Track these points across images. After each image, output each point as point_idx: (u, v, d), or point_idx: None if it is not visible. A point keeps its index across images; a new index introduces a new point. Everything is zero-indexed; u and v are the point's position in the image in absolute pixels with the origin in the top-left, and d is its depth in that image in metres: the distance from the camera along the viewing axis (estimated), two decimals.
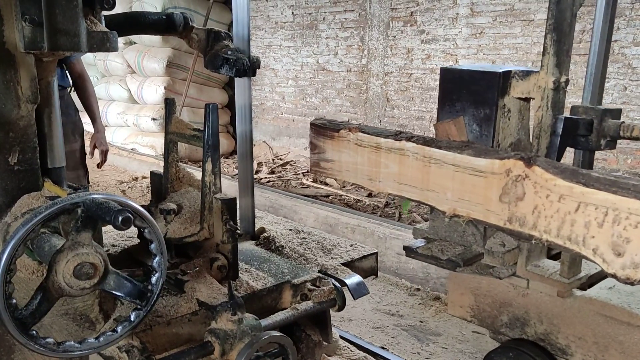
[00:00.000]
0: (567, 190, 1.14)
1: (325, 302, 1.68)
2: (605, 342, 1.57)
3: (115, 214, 1.05)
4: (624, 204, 1.04)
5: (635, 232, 1.03)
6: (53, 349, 1.09)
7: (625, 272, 1.06)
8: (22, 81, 1.29)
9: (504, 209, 1.27)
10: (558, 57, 1.58)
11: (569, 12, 1.58)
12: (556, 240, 1.18)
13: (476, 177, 1.32)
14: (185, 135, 1.82)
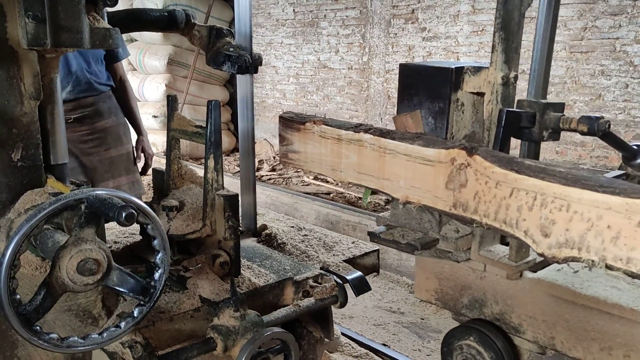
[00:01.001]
0: (503, 177, 1.23)
1: (327, 298, 1.68)
2: (553, 320, 1.65)
3: (119, 210, 1.05)
4: (550, 189, 1.14)
5: (559, 215, 1.13)
6: (57, 345, 1.09)
7: (552, 252, 1.15)
8: (25, 78, 1.29)
9: (449, 195, 1.36)
10: (506, 54, 1.68)
11: (517, 12, 1.70)
12: (494, 224, 1.27)
13: (425, 166, 1.41)
14: (187, 132, 1.82)
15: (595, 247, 1.10)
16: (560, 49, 5.12)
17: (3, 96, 1.27)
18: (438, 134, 1.76)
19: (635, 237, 1.04)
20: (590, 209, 1.10)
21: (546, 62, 1.74)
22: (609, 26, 4.76)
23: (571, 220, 1.13)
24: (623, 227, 1.05)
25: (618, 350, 1.59)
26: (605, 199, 1.07)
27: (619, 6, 4.68)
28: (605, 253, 1.09)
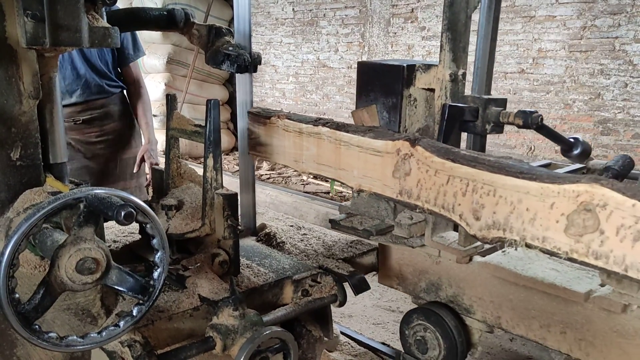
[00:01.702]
0: (441, 166, 1.33)
1: (326, 297, 1.69)
2: (499, 301, 1.78)
3: (118, 209, 1.05)
4: (480, 176, 1.25)
5: (488, 199, 1.24)
6: (56, 344, 1.09)
7: (482, 233, 1.26)
8: (24, 77, 1.29)
9: (396, 183, 1.46)
10: (454, 53, 1.81)
11: (463, 14, 1.82)
12: (434, 209, 1.38)
13: (375, 156, 1.51)
14: (186, 131, 1.82)
15: (516, 228, 1.20)
16: (560, 48, 5.12)
17: (2, 95, 1.27)
18: (392, 127, 1.87)
19: (548, 218, 1.13)
20: (512, 193, 1.20)
21: (489, 61, 1.86)
22: (608, 25, 4.77)
23: (497, 204, 1.23)
24: (539, 210, 1.15)
25: (555, 327, 1.70)
26: (524, 184, 1.17)
27: (618, 5, 4.68)
28: (525, 233, 1.19)
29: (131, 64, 3.02)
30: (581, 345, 1.66)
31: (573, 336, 1.67)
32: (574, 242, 1.12)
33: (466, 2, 1.81)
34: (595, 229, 1.08)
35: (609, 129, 4.93)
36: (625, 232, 1.02)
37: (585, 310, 1.63)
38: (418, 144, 1.39)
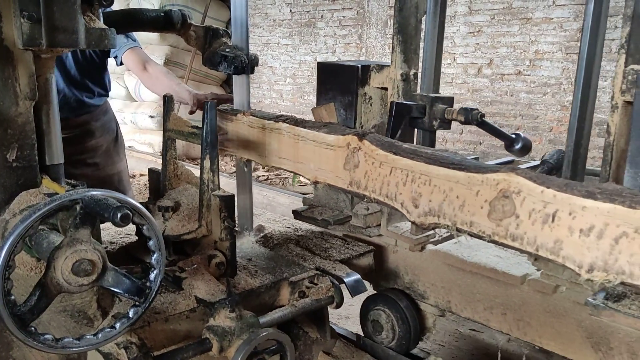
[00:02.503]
0: (384, 158, 1.43)
1: (323, 299, 1.69)
2: (449, 286, 1.90)
3: (114, 210, 1.05)
4: (417, 167, 1.36)
5: (424, 188, 1.35)
6: (52, 345, 1.09)
7: (420, 220, 1.36)
8: (20, 78, 1.28)
9: (346, 175, 1.56)
10: (405, 54, 1.94)
11: (414, 19, 1.94)
12: (379, 198, 1.47)
13: (329, 150, 1.61)
14: (183, 132, 1.82)
15: (449, 214, 1.30)
16: (556, 50, 5.14)
17: None
18: (348, 124, 2.00)
19: (474, 204, 1.23)
20: (445, 182, 1.30)
21: (436, 61, 1.97)
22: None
23: (432, 192, 1.34)
24: (467, 197, 1.25)
25: (497, 309, 1.84)
26: (454, 174, 1.28)
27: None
28: (456, 218, 1.28)
29: (134, 49, 2.75)
30: (519, 325, 1.78)
31: (512, 317, 1.80)
32: (495, 226, 1.20)
33: (416, 7, 1.93)
34: (512, 213, 1.17)
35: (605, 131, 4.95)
36: (536, 216, 1.12)
37: (521, 293, 1.76)
38: (365, 138, 1.50)
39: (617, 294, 1.45)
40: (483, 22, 5.63)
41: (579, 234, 1.05)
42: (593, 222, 1.03)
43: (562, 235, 1.08)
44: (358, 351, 2.06)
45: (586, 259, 1.05)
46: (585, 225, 1.04)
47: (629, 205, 0.98)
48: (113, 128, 2.94)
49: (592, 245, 1.04)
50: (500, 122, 5.80)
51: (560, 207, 1.08)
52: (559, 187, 1.09)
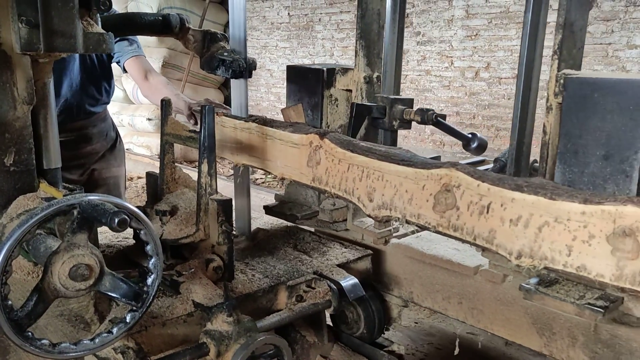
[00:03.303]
0: (343, 156, 1.52)
1: (320, 303, 1.69)
2: (410, 278, 1.99)
3: (112, 215, 1.05)
4: (372, 164, 1.44)
5: (378, 183, 1.43)
6: (48, 350, 1.09)
7: (375, 213, 1.44)
8: (18, 82, 1.29)
9: (309, 172, 1.64)
10: (368, 58, 2.04)
11: (376, 25, 2.03)
12: (338, 193, 1.56)
13: (294, 148, 1.68)
14: (181, 136, 1.82)
15: (399, 207, 1.38)
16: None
17: None
18: (315, 124, 2.08)
19: (421, 198, 1.32)
20: (395, 178, 1.39)
21: (396, 65, 2.10)
22: (602, 32, 4.80)
23: (385, 187, 1.42)
24: (415, 191, 1.34)
25: (454, 298, 1.95)
26: (403, 170, 1.37)
27: (612, 12, 4.72)
28: (405, 211, 1.37)
29: (137, 57, 2.78)
30: (473, 313, 1.89)
31: (467, 306, 1.90)
32: (439, 218, 1.29)
33: (377, 14, 2.03)
34: (453, 205, 1.26)
35: None
36: (473, 208, 1.21)
37: (475, 283, 1.86)
38: (326, 137, 1.58)
39: (550, 279, 1.54)
40: (480, 25, 5.64)
41: (509, 223, 1.14)
42: (520, 213, 1.12)
43: (495, 225, 1.17)
44: (355, 355, 2.06)
45: (515, 247, 1.14)
46: (514, 215, 1.13)
47: (549, 197, 1.07)
48: (112, 135, 2.93)
49: (520, 234, 1.13)
50: (498, 125, 5.81)
51: (494, 199, 1.17)
52: (492, 181, 1.19)
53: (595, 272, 1.04)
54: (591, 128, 1.47)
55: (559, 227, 1.07)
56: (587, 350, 1.61)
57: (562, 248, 1.07)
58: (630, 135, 1.40)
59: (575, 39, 1.62)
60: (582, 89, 1.49)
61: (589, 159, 1.48)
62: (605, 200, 1.02)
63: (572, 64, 1.62)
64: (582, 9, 1.60)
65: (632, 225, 0.97)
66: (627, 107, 1.40)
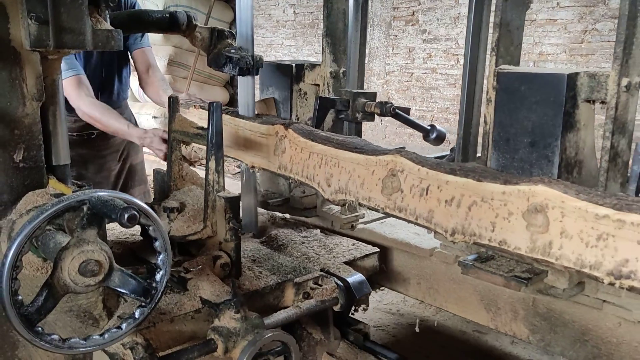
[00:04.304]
0: (304, 144, 1.64)
1: (327, 300, 1.69)
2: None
3: (121, 211, 1.06)
4: (329, 152, 1.55)
5: (335, 170, 1.54)
6: (58, 346, 1.10)
7: (332, 197, 1.56)
8: (27, 79, 1.29)
9: (276, 160, 1.75)
10: (334, 54, 2.16)
11: (341, 23, 2.16)
12: (301, 179, 1.67)
13: (262, 138, 1.79)
14: (188, 133, 1.82)
15: (353, 191, 1.50)
16: (560, 52, 5.13)
17: (5, 97, 1.28)
18: (285, 116, 2.18)
19: (371, 182, 1.43)
20: (349, 164, 1.50)
21: (359, 61, 2.21)
22: (609, 29, 4.77)
23: (340, 173, 1.53)
24: (366, 177, 1.45)
25: (413, 279, 2.07)
26: (356, 157, 1.48)
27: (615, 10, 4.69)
28: (358, 195, 1.48)
29: (144, 49, 2.86)
30: (430, 292, 2.02)
31: (425, 286, 2.02)
32: (386, 200, 1.40)
33: (343, 13, 2.16)
34: (398, 189, 1.37)
35: None
36: (415, 190, 1.33)
37: (431, 264, 1.98)
38: (290, 127, 1.69)
39: (486, 256, 1.65)
40: None
41: (444, 204, 1.26)
42: (453, 194, 1.25)
43: (433, 205, 1.29)
44: (362, 352, 2.06)
45: (450, 225, 1.26)
46: (449, 196, 1.25)
47: (477, 179, 1.21)
48: (133, 121, 3.03)
49: (453, 213, 1.25)
50: None
51: (432, 182, 1.29)
52: (430, 165, 1.32)
53: (514, 245, 1.14)
54: (520, 118, 1.59)
55: (485, 206, 1.18)
56: (527, 323, 1.75)
57: (487, 225, 1.18)
58: (551, 124, 1.52)
59: (512, 37, 1.71)
60: (512, 83, 1.60)
61: (518, 146, 1.60)
62: (521, 181, 1.14)
63: (510, 60, 1.71)
64: (518, 10, 1.70)
65: (542, 203, 1.09)
66: (549, 99, 1.51)
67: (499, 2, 1.65)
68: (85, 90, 2.56)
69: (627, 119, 1.54)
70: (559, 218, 1.07)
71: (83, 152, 2.82)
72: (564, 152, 1.53)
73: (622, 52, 1.46)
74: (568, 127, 1.52)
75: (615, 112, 1.49)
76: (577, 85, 1.51)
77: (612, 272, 1.00)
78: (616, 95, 1.48)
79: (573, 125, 1.53)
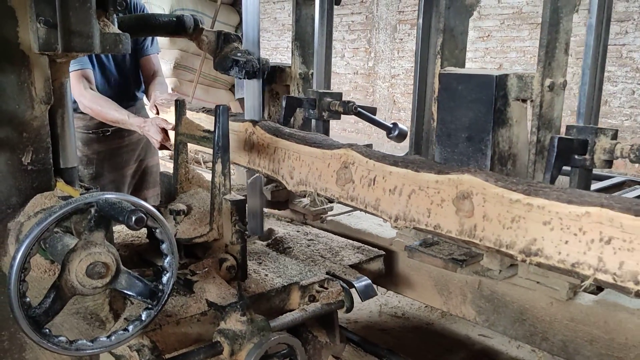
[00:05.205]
0: (270, 140, 1.79)
1: (333, 303, 1.69)
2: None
3: (129, 214, 1.06)
4: (292, 147, 1.69)
5: (296, 163, 1.68)
6: (66, 347, 1.10)
7: (295, 188, 1.70)
8: (36, 82, 1.30)
9: (246, 155, 1.90)
10: (303, 57, 2.35)
11: (310, 28, 2.32)
12: (268, 172, 1.81)
13: (234, 134, 1.91)
14: (195, 136, 1.83)
15: (312, 183, 1.63)
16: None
17: (14, 100, 1.28)
18: (257, 114, 2.23)
19: (327, 174, 1.57)
20: (309, 158, 1.63)
21: (325, 63, 2.33)
22: (615, 32, 4.76)
23: (301, 166, 1.66)
24: (323, 169, 1.59)
25: None
26: (315, 151, 1.62)
27: (626, 13, 4.68)
28: (317, 186, 1.61)
29: (151, 56, 2.93)
30: (392, 279, 2.13)
31: (386, 273, 2.10)
32: (340, 190, 1.53)
33: (311, 18, 2.30)
34: (350, 179, 1.50)
35: None
36: (364, 181, 1.46)
37: (391, 253, 2.10)
38: (257, 124, 1.84)
39: (432, 242, 1.79)
40: (492, 26, 5.62)
41: (389, 193, 1.39)
42: (396, 184, 1.37)
43: (379, 194, 1.41)
44: (367, 356, 2.05)
45: (393, 212, 1.38)
46: (392, 186, 1.38)
47: (415, 170, 1.34)
48: None
49: (396, 201, 1.37)
50: None
51: (378, 173, 1.42)
52: (377, 158, 1.44)
53: (446, 229, 1.26)
54: (458, 115, 1.71)
55: (422, 194, 1.31)
56: (474, 305, 1.88)
57: (424, 211, 1.30)
58: (484, 120, 1.63)
59: (457, 42, 1.83)
60: (451, 83, 1.73)
61: (457, 141, 1.72)
62: (451, 171, 1.27)
63: (455, 63, 1.83)
64: (461, 17, 1.81)
65: (467, 190, 1.21)
66: (481, 98, 1.63)
67: (443, 9, 1.77)
68: (86, 83, 2.61)
69: (553, 116, 1.67)
70: (481, 203, 1.19)
71: (100, 149, 2.88)
72: (497, 146, 1.65)
73: (545, 55, 1.63)
74: (500, 124, 1.63)
75: (540, 109, 1.62)
76: (508, 85, 1.62)
77: (524, 250, 1.12)
78: (540, 94, 1.61)
79: (505, 122, 1.65)
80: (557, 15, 1.62)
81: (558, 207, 1.07)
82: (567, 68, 1.71)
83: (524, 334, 1.76)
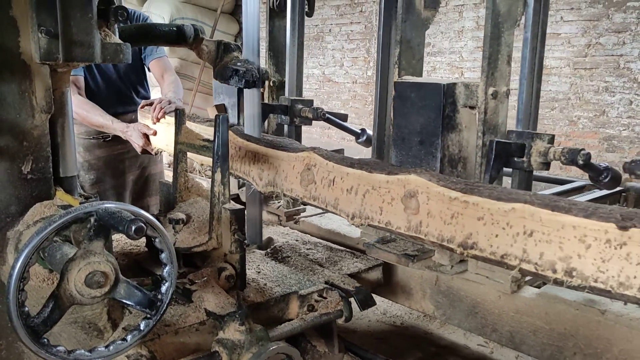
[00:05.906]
0: (242, 144, 1.92)
1: (332, 313, 1.68)
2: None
3: (129, 223, 1.06)
4: (261, 150, 1.83)
5: (265, 165, 1.80)
6: (64, 357, 1.10)
7: (264, 189, 1.83)
8: (37, 91, 1.31)
9: None
10: (277, 66, 2.59)
11: (283, 38, 2.52)
12: (239, 174, 1.95)
13: None
14: (194, 145, 1.83)
15: (279, 184, 1.75)
16: (564, 66, 5.14)
17: (15, 109, 1.29)
18: (234, 121, 2.40)
19: (292, 175, 1.67)
20: (275, 160, 1.75)
21: (297, 71, 2.48)
22: (613, 43, 4.79)
23: (269, 168, 1.78)
24: (288, 171, 1.70)
25: None
26: (281, 154, 1.73)
27: (623, 23, 4.71)
28: (283, 187, 1.73)
29: (157, 59, 2.96)
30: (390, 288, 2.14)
31: None
32: (304, 191, 1.62)
33: (284, 29, 2.50)
34: (312, 181, 1.60)
35: (614, 146, 4.93)
36: (325, 182, 1.56)
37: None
38: (231, 129, 1.89)
39: (389, 239, 1.87)
40: None
41: (346, 192, 1.49)
42: (352, 184, 1.48)
43: (338, 194, 1.52)
44: None
45: (350, 210, 1.48)
46: (349, 186, 1.49)
47: (369, 171, 1.45)
48: None
49: (353, 200, 1.47)
50: None
51: (337, 174, 1.54)
52: (336, 160, 1.55)
53: (396, 226, 1.35)
54: (411, 121, 1.80)
55: (375, 193, 1.41)
56: (433, 300, 1.96)
57: (377, 209, 1.39)
58: (434, 125, 1.72)
59: (414, 52, 1.92)
60: (405, 91, 1.81)
61: (410, 144, 1.81)
62: (400, 172, 1.37)
63: (413, 72, 1.92)
64: (417, 30, 1.90)
65: (414, 189, 1.31)
66: (431, 105, 1.72)
67: (398, 23, 1.86)
68: (75, 89, 2.63)
69: (498, 122, 1.77)
70: (425, 201, 1.28)
71: (101, 155, 2.88)
72: (447, 149, 1.73)
73: (488, 65, 1.72)
74: (449, 129, 1.71)
75: (485, 115, 1.71)
76: (456, 93, 1.71)
77: (462, 244, 1.20)
78: (485, 101, 1.70)
79: (454, 127, 1.73)
80: (499, 29, 1.70)
81: (489, 203, 1.17)
82: (510, 78, 1.79)
83: (477, 326, 1.84)
